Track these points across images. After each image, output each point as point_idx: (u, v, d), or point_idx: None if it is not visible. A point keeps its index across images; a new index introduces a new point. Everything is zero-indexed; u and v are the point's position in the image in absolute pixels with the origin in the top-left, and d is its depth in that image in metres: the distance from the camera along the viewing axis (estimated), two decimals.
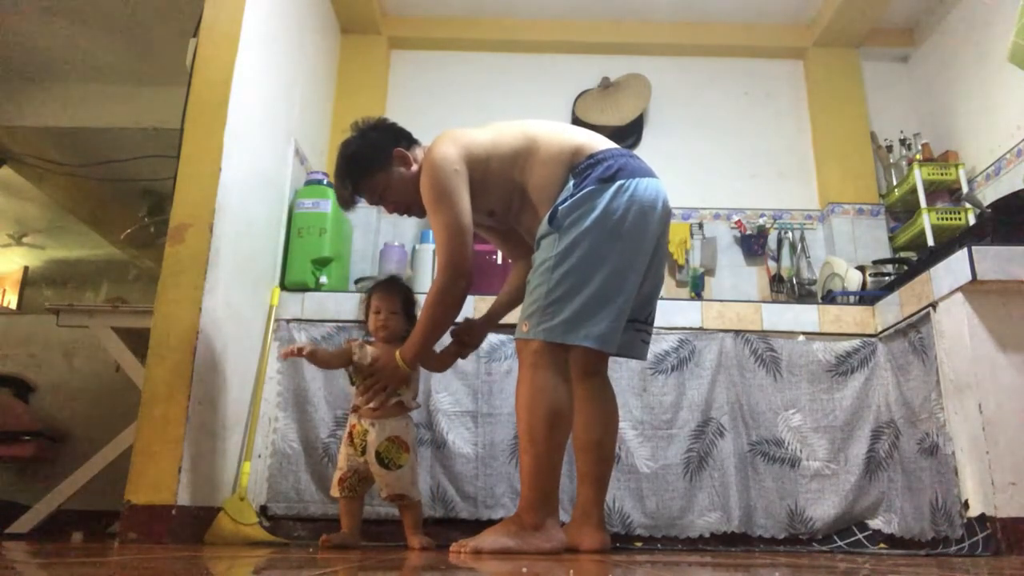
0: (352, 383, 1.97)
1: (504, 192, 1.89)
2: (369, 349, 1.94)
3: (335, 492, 1.96)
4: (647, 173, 1.82)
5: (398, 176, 1.92)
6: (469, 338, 2.12)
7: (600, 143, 1.87)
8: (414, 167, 1.92)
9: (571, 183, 1.79)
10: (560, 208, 1.75)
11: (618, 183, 1.76)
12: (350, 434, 1.93)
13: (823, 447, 2.48)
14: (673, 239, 3.37)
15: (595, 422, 1.94)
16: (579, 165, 1.80)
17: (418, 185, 1.88)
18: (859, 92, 3.64)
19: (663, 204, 1.83)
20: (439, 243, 1.81)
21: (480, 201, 1.87)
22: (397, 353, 1.85)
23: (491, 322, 2.17)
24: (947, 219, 3.10)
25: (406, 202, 1.95)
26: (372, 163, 1.91)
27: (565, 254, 1.71)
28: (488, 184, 1.87)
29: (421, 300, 1.96)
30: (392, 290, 2.03)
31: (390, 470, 1.89)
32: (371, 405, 1.89)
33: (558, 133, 1.88)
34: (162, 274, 2.13)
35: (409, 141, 1.99)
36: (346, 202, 1.96)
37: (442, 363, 2.10)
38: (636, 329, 1.93)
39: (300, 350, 1.88)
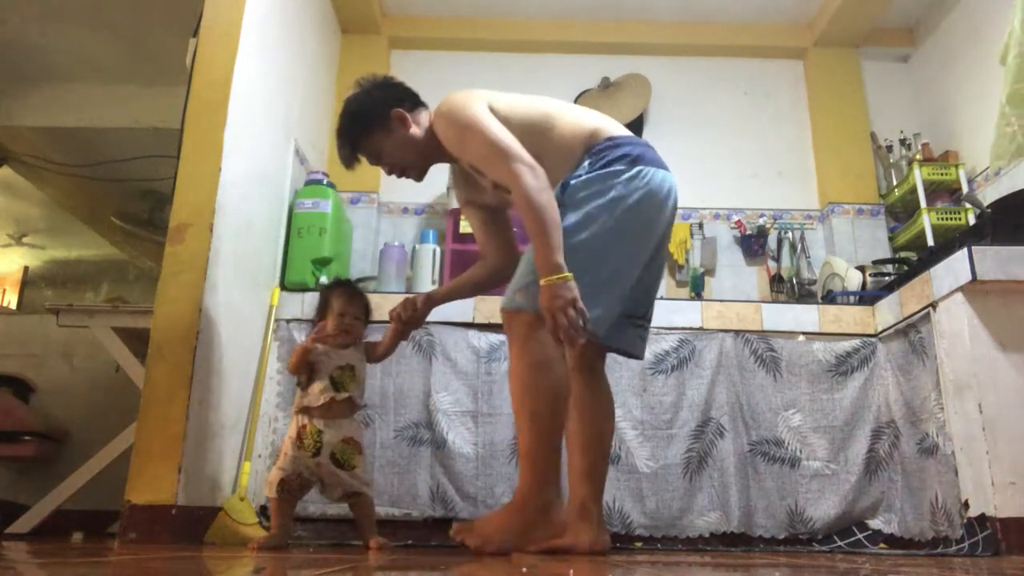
0: (299, 384, 1.93)
1: None
2: (320, 348, 1.91)
3: (271, 492, 1.84)
4: (662, 165, 1.77)
5: (398, 137, 1.86)
6: (411, 317, 2.00)
7: (618, 128, 1.81)
8: (413, 129, 1.86)
9: (587, 162, 1.72)
10: (572, 182, 1.69)
11: (636, 169, 1.70)
12: (299, 435, 1.85)
13: (823, 447, 2.48)
14: (673, 239, 3.37)
15: (597, 415, 1.85)
16: (596, 146, 1.74)
17: (416, 147, 1.84)
18: (859, 92, 3.64)
19: (674, 199, 1.79)
20: (489, 165, 1.69)
21: None
22: (542, 280, 1.55)
23: (434, 303, 2.04)
24: (947, 219, 3.10)
25: (402, 164, 1.89)
26: (371, 122, 1.86)
27: (572, 230, 1.63)
28: None
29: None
30: (357, 295, 2.00)
31: (345, 470, 1.85)
32: (569, 338, 1.53)
33: (575, 112, 1.84)
34: (162, 274, 2.13)
35: (414, 103, 1.91)
36: (346, 160, 1.92)
37: (387, 348, 2.02)
38: (635, 325, 1.87)
39: (307, 351, 1.89)
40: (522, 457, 1.62)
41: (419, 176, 1.92)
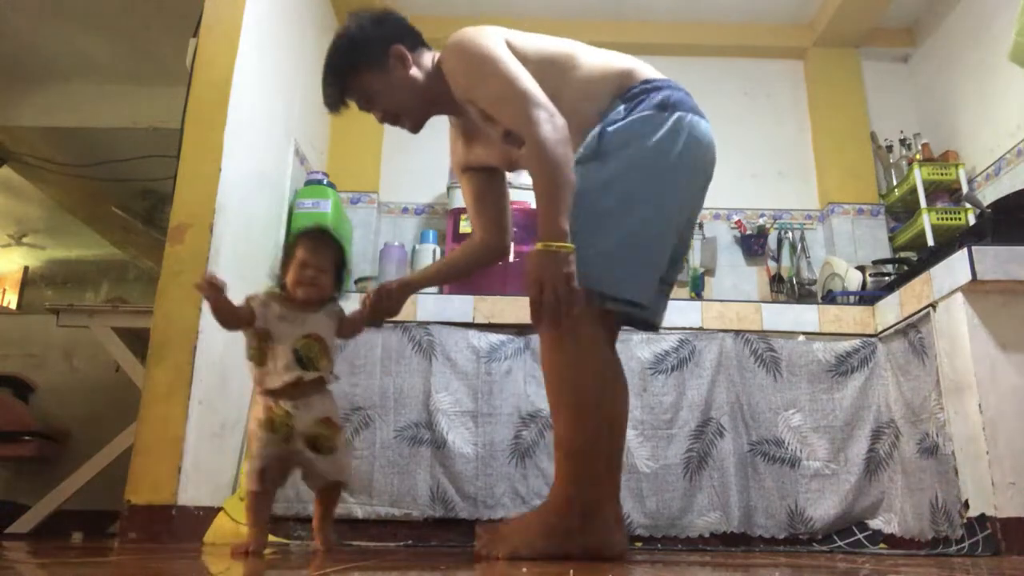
0: (252, 358, 1.62)
1: None
2: (276, 308, 1.62)
3: (254, 486, 1.58)
4: (703, 115, 1.58)
5: (395, 78, 1.63)
6: (385, 304, 1.76)
7: (653, 71, 1.61)
8: (413, 70, 1.64)
9: (621, 107, 1.52)
10: (611, 129, 1.48)
11: (677, 115, 1.51)
12: (269, 419, 1.57)
13: (823, 447, 2.48)
14: None
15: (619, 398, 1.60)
16: (632, 89, 1.54)
17: (415, 91, 1.62)
18: (859, 92, 3.64)
19: (713, 153, 1.60)
20: (502, 109, 1.49)
21: None
22: (538, 244, 1.35)
23: (411, 289, 1.83)
24: (947, 219, 3.10)
25: (398, 109, 1.66)
26: (365, 58, 1.63)
27: (608, 186, 1.45)
28: None
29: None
30: (326, 244, 1.69)
31: (325, 455, 1.60)
32: (551, 320, 1.34)
33: (603, 52, 1.63)
34: (162, 274, 2.13)
35: (415, 41, 1.70)
36: (332, 102, 1.68)
37: (354, 330, 1.75)
38: (663, 292, 1.65)
39: (212, 284, 1.57)
40: (563, 454, 1.42)
41: (415, 125, 1.69)
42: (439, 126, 1.91)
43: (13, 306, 6.11)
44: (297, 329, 1.61)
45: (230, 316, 1.60)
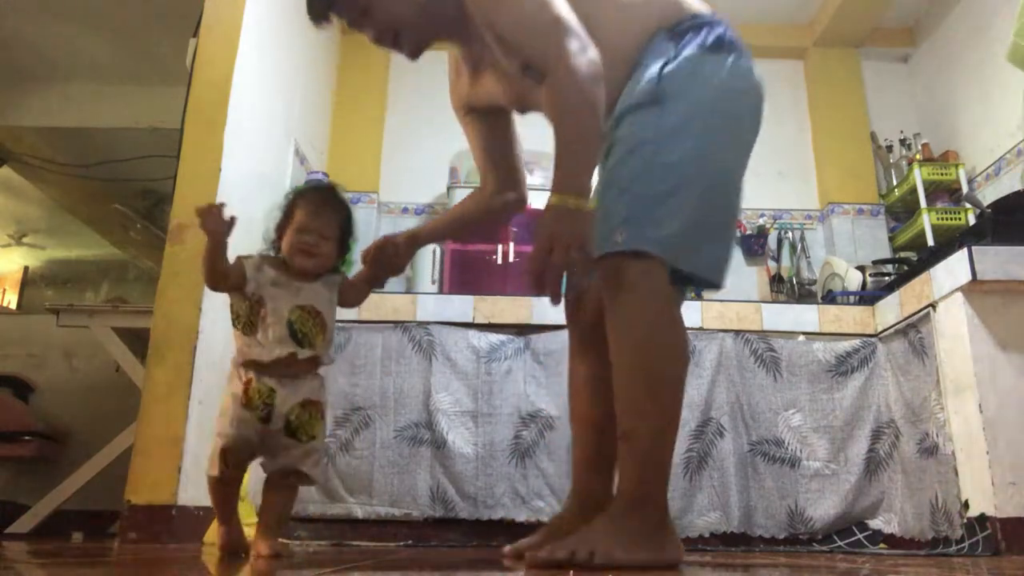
0: (241, 326, 1.43)
1: None
2: (270, 273, 1.43)
3: (214, 470, 1.39)
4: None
5: None
6: (390, 261, 1.57)
7: (701, 4, 1.40)
8: None
9: (668, 44, 1.30)
10: (668, 70, 1.26)
11: (735, 55, 1.32)
12: (246, 393, 1.39)
13: (823, 447, 2.48)
14: None
15: None
16: (681, 24, 1.32)
17: (419, 3, 1.37)
18: (859, 92, 3.64)
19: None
20: (527, 36, 1.26)
21: None
22: (553, 197, 1.16)
23: (419, 243, 1.64)
24: (947, 219, 3.10)
25: (396, 24, 1.39)
26: None
27: (674, 136, 1.24)
28: None
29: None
30: (331, 206, 1.49)
31: (301, 442, 1.41)
32: (553, 288, 1.17)
33: None
34: (162, 274, 2.13)
35: None
36: (318, 11, 1.42)
37: (360, 294, 1.57)
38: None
39: (216, 215, 1.37)
40: (637, 444, 1.20)
41: (415, 48, 1.43)
42: (439, 125, 1.89)
43: (13, 306, 6.11)
44: (291, 298, 1.42)
45: (221, 271, 1.39)
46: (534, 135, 1.81)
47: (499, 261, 3.02)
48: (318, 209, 1.46)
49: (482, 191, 1.63)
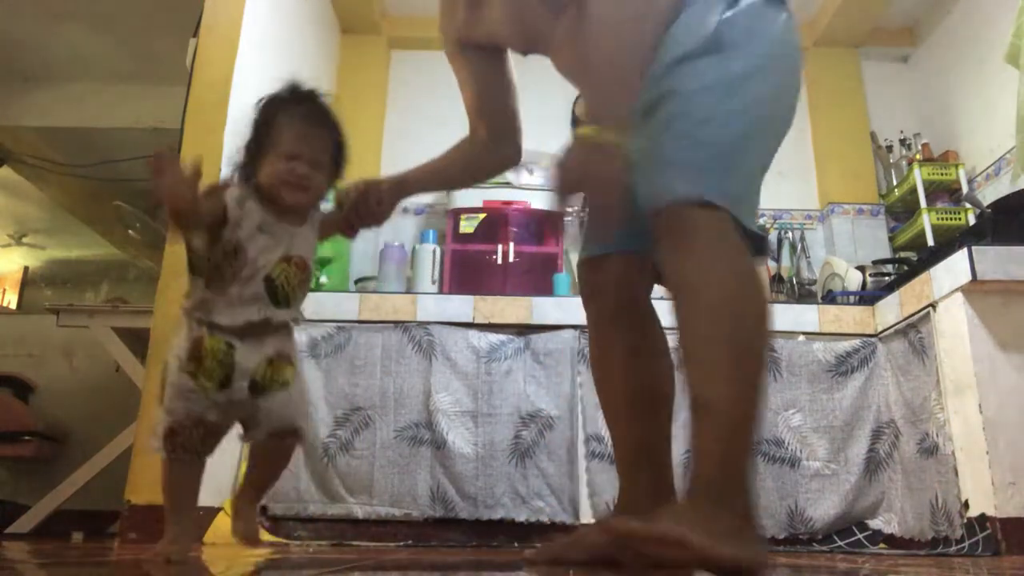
0: (206, 276, 1.17)
1: None
2: (256, 214, 1.15)
3: (164, 451, 1.16)
4: None
5: None
6: (372, 210, 1.34)
7: None
8: None
9: None
10: (727, 15, 1.14)
11: (787, 12, 1.22)
12: (196, 354, 1.13)
13: (823, 447, 2.48)
14: None
15: None
16: None
17: None
18: (859, 92, 3.64)
19: None
20: None
21: None
22: (587, 129, 1.08)
23: (405, 191, 1.42)
24: (947, 219, 3.10)
25: None
26: None
27: (734, 88, 1.12)
28: None
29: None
30: (327, 127, 1.23)
31: (275, 391, 1.18)
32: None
33: None
34: (162, 274, 2.13)
35: None
36: None
37: (324, 231, 1.32)
38: None
39: (166, 161, 1.04)
40: (722, 421, 1.07)
41: None
42: (439, 124, 1.90)
43: (13, 306, 6.11)
44: (278, 248, 1.17)
45: (192, 214, 1.09)
46: (534, 135, 1.80)
47: (499, 261, 3.02)
48: (309, 130, 1.20)
49: (472, 141, 1.48)
